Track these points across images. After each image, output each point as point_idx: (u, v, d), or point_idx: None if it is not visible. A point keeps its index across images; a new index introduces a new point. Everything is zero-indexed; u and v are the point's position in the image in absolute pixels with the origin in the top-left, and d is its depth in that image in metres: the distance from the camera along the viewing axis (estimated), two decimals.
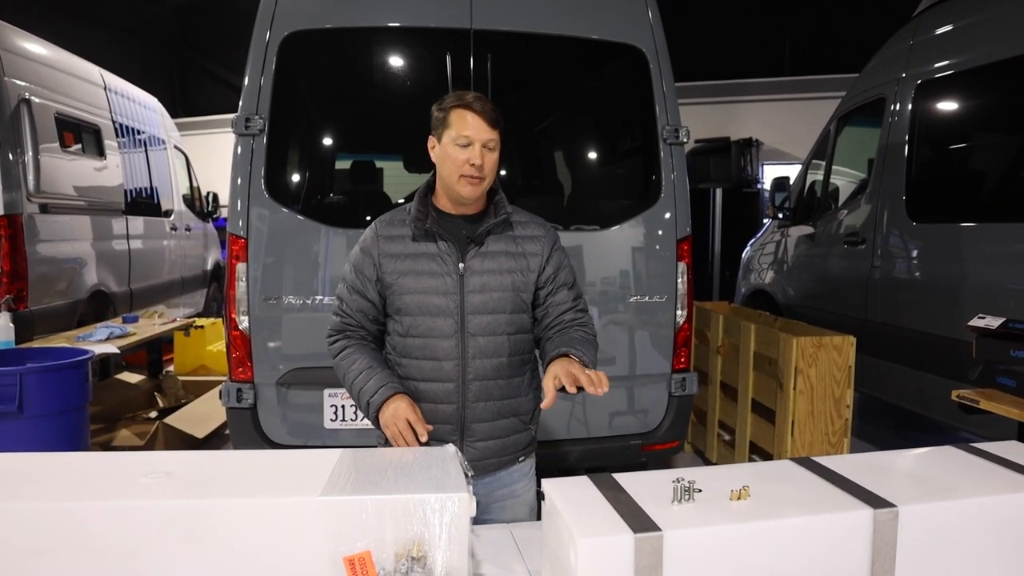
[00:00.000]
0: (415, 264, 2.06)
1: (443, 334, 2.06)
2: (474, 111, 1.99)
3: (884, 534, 1.56)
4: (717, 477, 1.72)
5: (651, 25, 3.57)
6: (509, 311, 2.10)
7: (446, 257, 2.06)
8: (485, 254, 2.08)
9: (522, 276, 2.11)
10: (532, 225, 2.18)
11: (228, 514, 1.45)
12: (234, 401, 3.33)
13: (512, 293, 2.10)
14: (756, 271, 6.84)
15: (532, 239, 2.15)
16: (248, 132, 3.28)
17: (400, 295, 2.07)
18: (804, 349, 3.98)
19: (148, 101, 8.19)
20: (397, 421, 1.96)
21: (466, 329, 2.06)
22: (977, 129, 4.59)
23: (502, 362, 2.10)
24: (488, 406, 2.10)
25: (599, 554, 1.43)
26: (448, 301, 2.05)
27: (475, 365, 2.07)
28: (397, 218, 2.13)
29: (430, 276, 2.06)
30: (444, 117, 2.03)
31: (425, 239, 2.07)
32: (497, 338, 2.09)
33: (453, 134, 2.01)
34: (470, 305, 2.06)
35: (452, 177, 2.03)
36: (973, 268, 4.18)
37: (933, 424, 5.90)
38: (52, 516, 1.43)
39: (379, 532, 1.46)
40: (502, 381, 2.11)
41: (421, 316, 2.06)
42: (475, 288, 2.06)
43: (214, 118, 12.42)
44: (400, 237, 2.09)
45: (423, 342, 2.07)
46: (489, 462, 2.13)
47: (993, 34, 4.23)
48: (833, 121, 5.81)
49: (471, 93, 2.04)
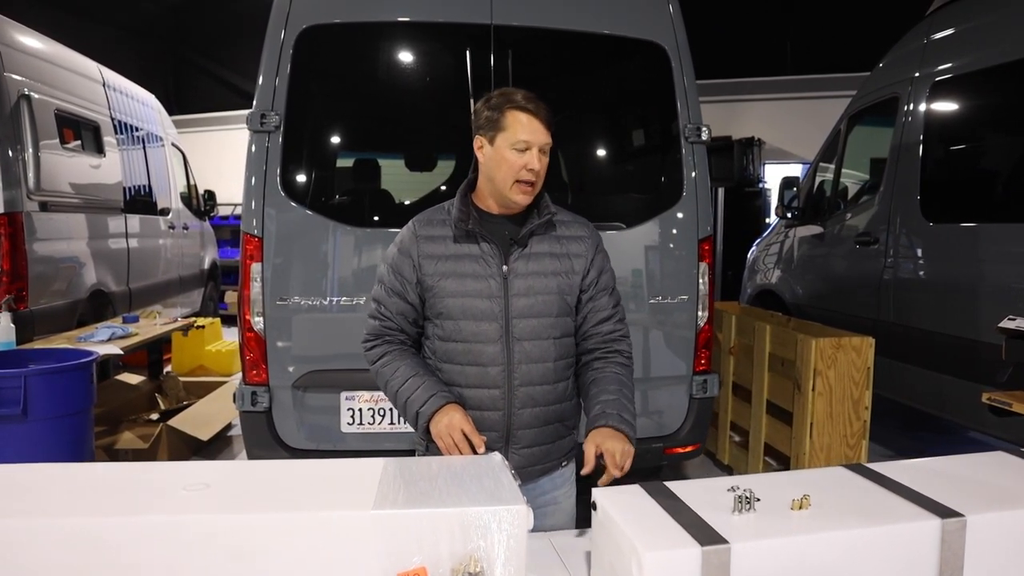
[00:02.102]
0: (457, 266, 1.98)
1: (488, 339, 1.98)
2: (530, 113, 1.91)
3: (952, 544, 1.52)
4: (771, 485, 1.67)
5: (672, 22, 3.51)
6: (555, 315, 2.03)
7: (489, 259, 1.99)
8: (529, 256, 2.01)
9: (567, 279, 2.04)
10: (575, 225, 2.11)
11: (276, 529, 1.39)
12: (249, 404, 3.26)
13: (558, 296, 2.03)
14: (763, 271, 6.80)
15: (576, 240, 2.08)
16: (263, 129, 3.21)
17: (441, 298, 1.98)
18: (823, 350, 3.94)
19: (146, 98, 8.09)
20: (452, 432, 1.86)
21: (512, 334, 1.98)
22: (993, 129, 4.56)
23: (548, 367, 2.03)
24: (535, 412, 2.02)
25: (665, 568, 1.38)
26: (492, 304, 1.98)
27: (521, 371, 2.00)
28: (436, 218, 2.05)
29: (473, 278, 1.98)
30: (497, 118, 1.94)
31: (467, 240, 1.99)
32: (543, 342, 2.02)
33: (510, 137, 1.92)
34: (515, 309, 1.98)
35: (506, 182, 1.95)
36: (990, 268, 4.15)
37: (942, 425, 5.89)
38: (86, 532, 1.36)
39: (434, 547, 1.41)
40: (547, 386, 2.04)
41: (464, 320, 1.98)
42: (520, 291, 1.99)
43: (210, 115, 12.31)
44: (440, 238, 2.01)
45: (467, 347, 1.99)
46: (533, 469, 2.06)
47: (1008, 33, 4.19)
48: (843, 120, 5.77)
49: (521, 92, 1.95)
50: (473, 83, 3.34)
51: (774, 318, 4.95)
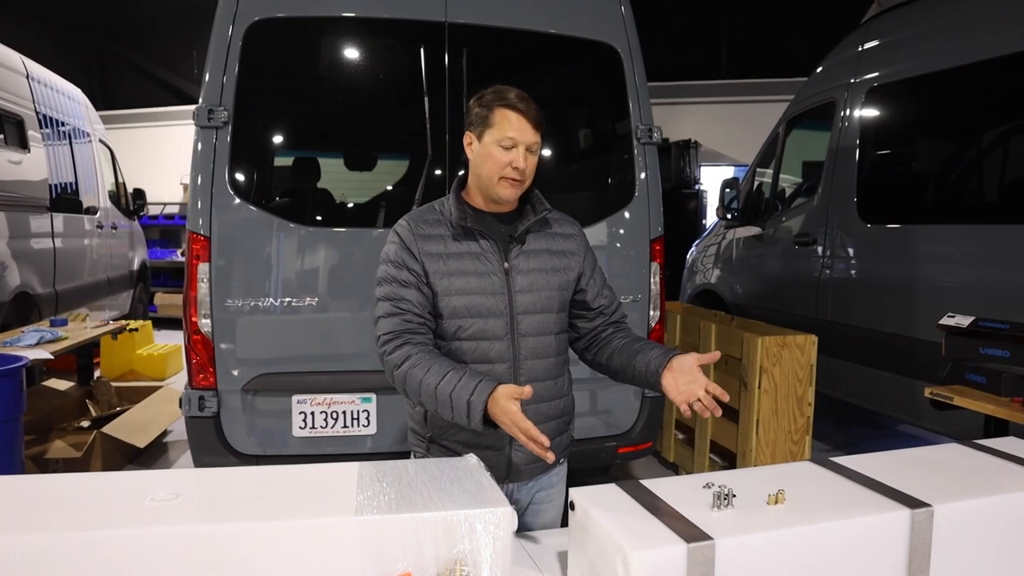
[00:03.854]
0: (459, 264, 1.97)
1: (495, 336, 1.98)
2: (519, 112, 1.92)
3: (921, 533, 1.57)
4: (744, 480, 1.69)
5: (625, 23, 3.54)
6: (556, 310, 2.07)
7: (490, 256, 1.99)
8: (528, 252, 2.03)
9: (564, 275, 2.08)
10: (565, 223, 2.16)
11: (254, 539, 1.33)
12: (196, 410, 3.14)
13: (558, 292, 2.06)
14: (702, 271, 6.93)
15: (568, 237, 2.13)
16: (211, 124, 3.10)
17: (447, 296, 1.97)
18: (768, 348, 4.03)
19: (72, 92, 7.73)
20: (517, 424, 1.75)
21: (517, 330, 2.00)
22: (925, 134, 4.76)
23: (550, 362, 2.06)
24: (539, 408, 2.01)
25: (651, 567, 1.38)
26: (497, 301, 1.98)
27: (527, 367, 2.01)
28: (429, 217, 2.03)
29: (476, 276, 1.98)
30: (486, 115, 1.95)
31: (465, 238, 1.99)
32: (546, 338, 2.04)
33: (496, 134, 1.94)
34: (519, 305, 2.00)
35: (492, 178, 1.96)
36: (924, 267, 4.32)
37: (873, 420, 6.12)
38: (50, 549, 1.27)
39: (418, 552, 1.37)
40: (550, 382, 2.06)
41: (471, 318, 1.97)
42: (523, 287, 2.01)
43: (137, 112, 11.86)
44: (438, 236, 1.99)
45: (474, 345, 1.98)
46: (535, 466, 2.06)
47: (939, 44, 4.38)
48: (782, 124, 5.94)
49: (514, 91, 1.95)
50: (427, 81, 3.30)
51: (717, 317, 5.05)
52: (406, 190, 3.41)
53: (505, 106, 1.93)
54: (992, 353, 2.98)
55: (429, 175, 3.32)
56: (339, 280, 3.32)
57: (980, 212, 4.24)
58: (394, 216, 3.46)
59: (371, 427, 3.29)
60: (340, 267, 3.32)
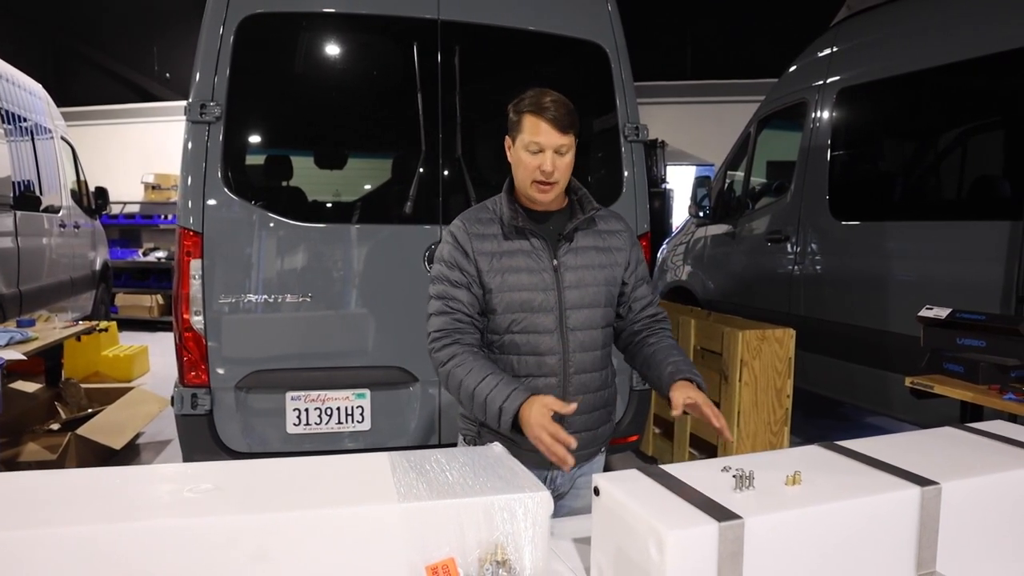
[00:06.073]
0: (512, 261, 2.07)
1: (545, 329, 2.08)
2: (545, 118, 1.98)
3: (930, 509, 1.65)
4: (757, 465, 1.75)
5: (612, 22, 3.60)
6: (603, 305, 2.15)
7: (540, 253, 2.09)
8: (576, 250, 2.12)
9: (611, 271, 2.17)
10: (612, 219, 2.25)
11: (298, 528, 1.34)
12: (188, 408, 3.11)
13: (605, 287, 2.15)
14: (674, 268, 7.04)
15: (615, 233, 2.21)
16: (203, 120, 3.07)
17: (500, 292, 2.07)
18: (749, 342, 4.13)
19: (33, 87, 7.52)
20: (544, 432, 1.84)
21: (565, 324, 2.09)
22: (895, 133, 4.91)
23: (596, 355, 2.15)
24: (586, 399, 2.12)
25: (685, 546, 1.43)
26: (548, 297, 2.08)
27: (575, 359, 2.10)
28: (482, 216, 2.12)
29: (528, 272, 2.07)
30: (518, 121, 2.03)
31: (517, 236, 2.09)
32: (593, 332, 2.13)
33: (525, 139, 2.01)
34: (568, 300, 2.09)
35: (525, 181, 2.06)
36: (895, 263, 4.46)
37: (843, 412, 6.29)
38: (92, 541, 1.26)
39: (460, 538, 1.40)
40: (596, 374, 2.16)
41: (523, 312, 2.07)
42: (571, 283, 2.10)
43: (97, 108, 11.57)
44: (491, 235, 2.09)
45: (526, 338, 2.08)
46: (580, 454, 2.11)
47: (909, 46, 4.53)
48: (753, 123, 6.06)
49: (548, 96, 2.00)
50: (420, 77, 3.32)
51: (694, 312, 5.14)
52: (400, 186, 3.42)
53: (531, 111, 2.00)
54: (969, 343, 3.10)
55: (422, 171, 3.34)
56: (333, 276, 3.32)
57: (947, 209, 4.40)
58: (388, 212, 3.50)
59: (365, 423, 3.29)
60: (334, 263, 3.32)
